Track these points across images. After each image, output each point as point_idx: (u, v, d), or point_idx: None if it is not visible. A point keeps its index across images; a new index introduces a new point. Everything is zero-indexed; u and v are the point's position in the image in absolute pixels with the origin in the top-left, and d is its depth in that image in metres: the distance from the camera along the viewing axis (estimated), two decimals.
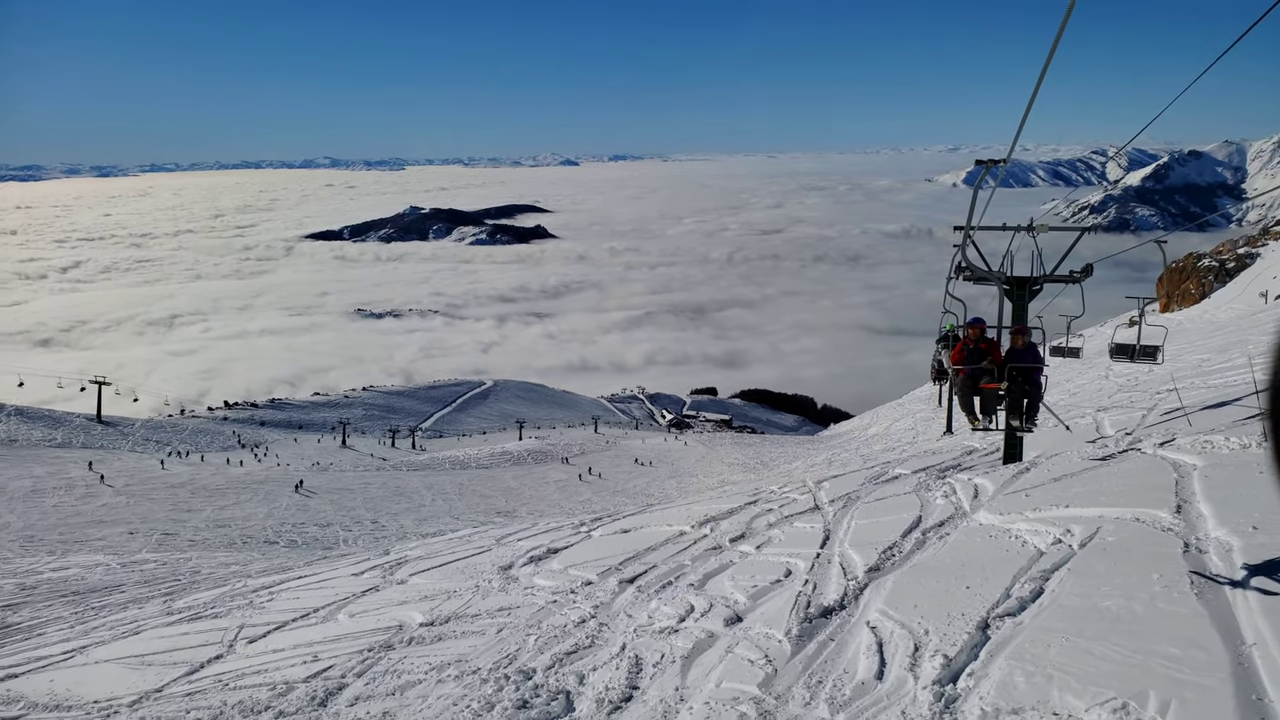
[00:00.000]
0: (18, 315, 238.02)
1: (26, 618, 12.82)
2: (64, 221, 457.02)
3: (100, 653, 7.30)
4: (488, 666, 4.60)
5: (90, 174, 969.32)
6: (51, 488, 36.71)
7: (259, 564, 17.01)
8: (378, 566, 9.77)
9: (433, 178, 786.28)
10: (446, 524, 32.52)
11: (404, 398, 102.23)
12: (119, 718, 4.93)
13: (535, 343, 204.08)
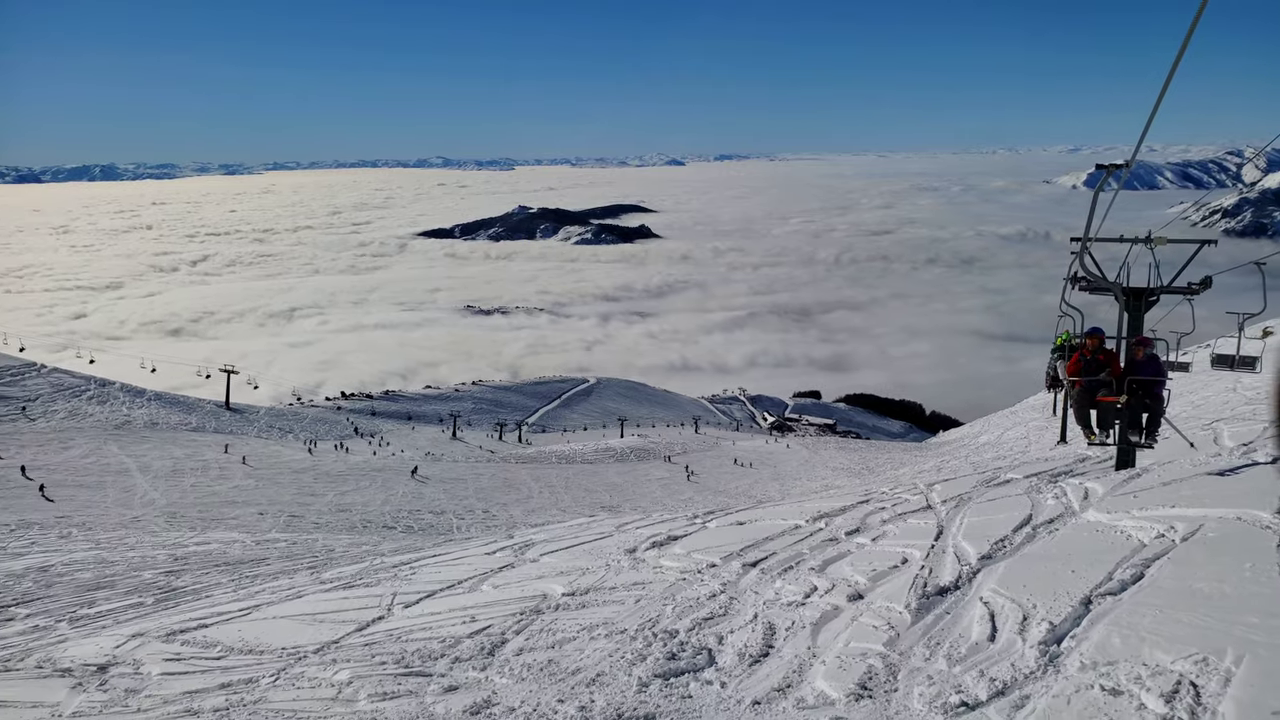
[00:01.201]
0: (152, 305, 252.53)
1: (189, 582, 14.02)
2: (194, 217, 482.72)
3: (271, 611, 8.11)
4: (634, 628, 5.13)
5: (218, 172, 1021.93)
6: (189, 468, 39.24)
7: (388, 544, 18.09)
8: (507, 547, 10.41)
9: (541, 178, 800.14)
10: (554, 516, 33.50)
11: (510, 392, 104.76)
12: (306, 662, 5.61)
13: (637, 342, 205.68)
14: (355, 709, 4.34)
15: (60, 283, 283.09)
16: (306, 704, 4.55)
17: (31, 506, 30.63)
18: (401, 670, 4.89)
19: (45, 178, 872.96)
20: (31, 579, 16.92)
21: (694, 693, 4.22)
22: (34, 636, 10.26)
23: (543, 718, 4.00)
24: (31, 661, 7.30)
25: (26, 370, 52.50)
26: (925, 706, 3.95)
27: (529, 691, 4.31)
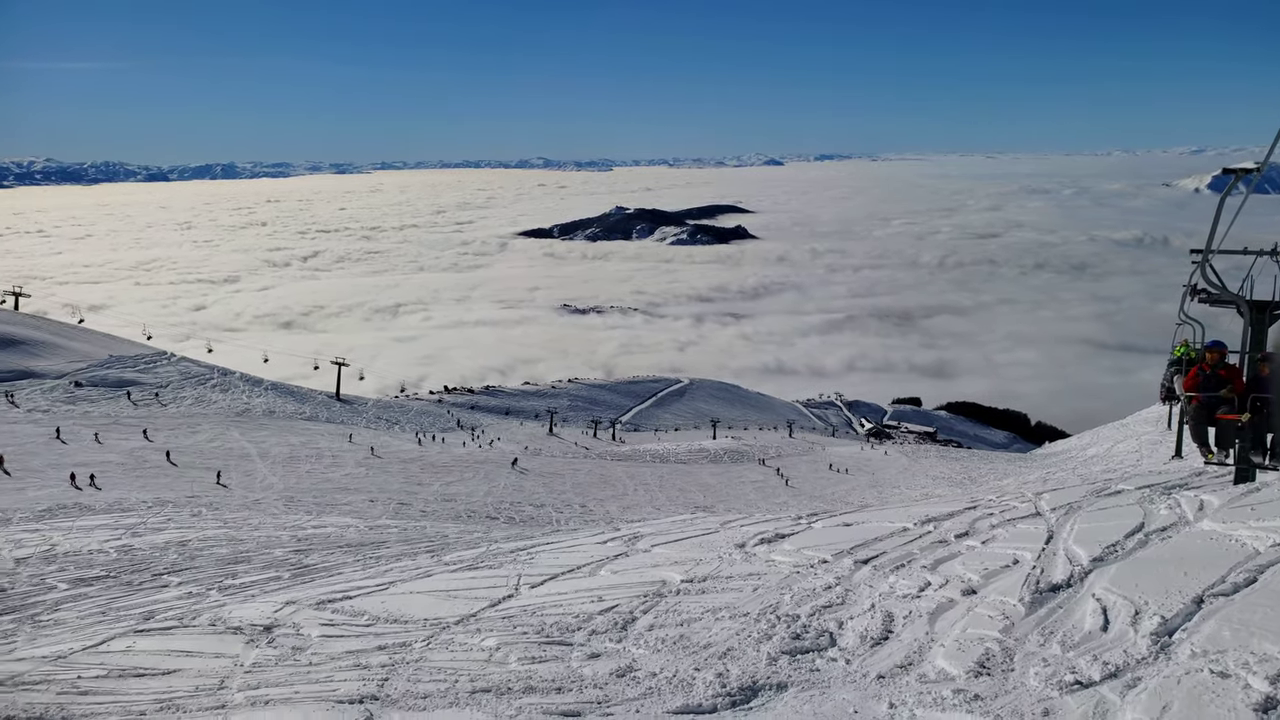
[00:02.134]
0: (266, 299, 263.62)
1: (318, 561, 14.96)
2: (306, 214, 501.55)
3: (405, 587, 8.75)
4: (755, 612, 5.52)
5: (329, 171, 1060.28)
6: (304, 455, 41.22)
7: (498, 532, 18.87)
8: (618, 538, 10.88)
9: (638, 178, 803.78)
10: (649, 513, 34.03)
11: (605, 391, 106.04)
12: (451, 631, 6.17)
13: (731, 343, 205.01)
14: (508, 669, 4.84)
15: (183, 276, 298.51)
16: (463, 663, 5.08)
17: (166, 486, 32.79)
18: (543, 639, 5.38)
19: (172, 176, 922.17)
20: (174, 551, 18.27)
21: (820, 667, 4.58)
22: (191, 600, 11.25)
23: (684, 682, 4.42)
24: (204, 620, 8.08)
25: (159, 358, 55.93)
26: (1041, 684, 4.25)
27: (666, 660, 4.74)
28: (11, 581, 15.41)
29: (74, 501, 29.43)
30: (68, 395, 45.56)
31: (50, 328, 58.07)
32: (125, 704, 5.68)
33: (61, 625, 10.68)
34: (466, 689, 4.47)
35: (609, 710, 4.10)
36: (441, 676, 4.75)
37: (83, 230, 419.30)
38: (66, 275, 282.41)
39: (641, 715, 4.03)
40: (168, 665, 6.46)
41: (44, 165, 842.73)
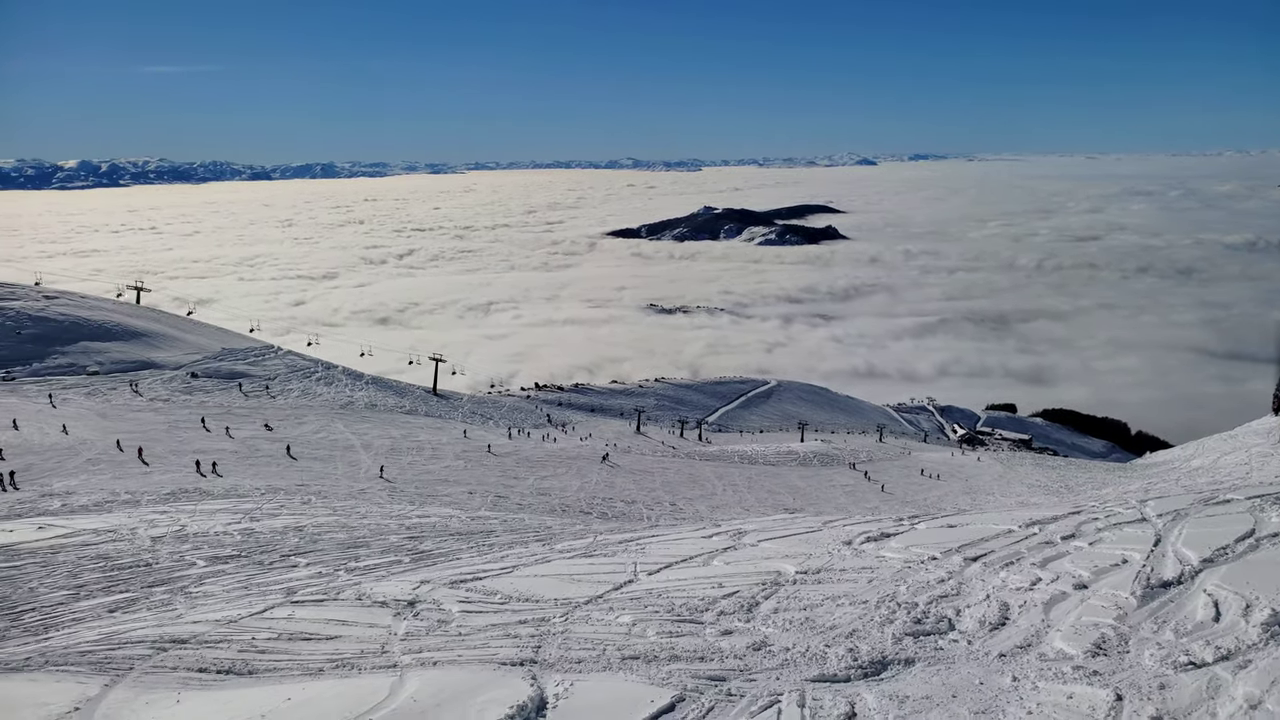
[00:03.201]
0: (362, 295, 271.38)
1: (432, 547, 15.77)
2: (402, 213, 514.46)
3: (527, 571, 9.32)
4: (874, 600, 5.88)
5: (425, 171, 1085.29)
6: (405, 448, 42.71)
7: (598, 526, 19.46)
8: (722, 534, 11.29)
9: (727, 178, 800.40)
10: (738, 514, 34.30)
11: (691, 391, 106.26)
12: (584, 609, 6.69)
13: (820, 345, 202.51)
14: (648, 641, 5.32)
15: (284, 271, 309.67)
16: (605, 635, 5.57)
17: (277, 474, 34.50)
18: (675, 618, 5.84)
19: (275, 175, 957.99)
20: (294, 536, 19.39)
21: (943, 647, 4.93)
22: (324, 579, 12.08)
23: (816, 656, 4.83)
24: (351, 595, 8.79)
25: (267, 352, 58.57)
26: (1157, 664, 4.53)
27: (797, 638, 5.15)
28: (154, 557, 16.68)
29: (194, 486, 31.27)
30: (185, 385, 48.19)
31: (168, 321, 61.41)
32: (301, 661, 6.36)
33: (211, 597, 11.64)
34: (615, 656, 4.95)
35: (751, 677, 4.53)
36: (589, 645, 5.25)
37: (191, 227, 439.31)
38: (176, 270, 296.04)
39: (781, 682, 4.44)
40: (329, 631, 7.15)
41: (157, 165, 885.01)
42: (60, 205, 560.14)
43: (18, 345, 48.24)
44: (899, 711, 4.12)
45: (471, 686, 4.61)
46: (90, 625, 10.25)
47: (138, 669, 6.59)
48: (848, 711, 4.16)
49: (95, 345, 50.08)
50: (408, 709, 4.49)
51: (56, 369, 46.93)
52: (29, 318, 50.97)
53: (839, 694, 4.34)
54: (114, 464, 33.69)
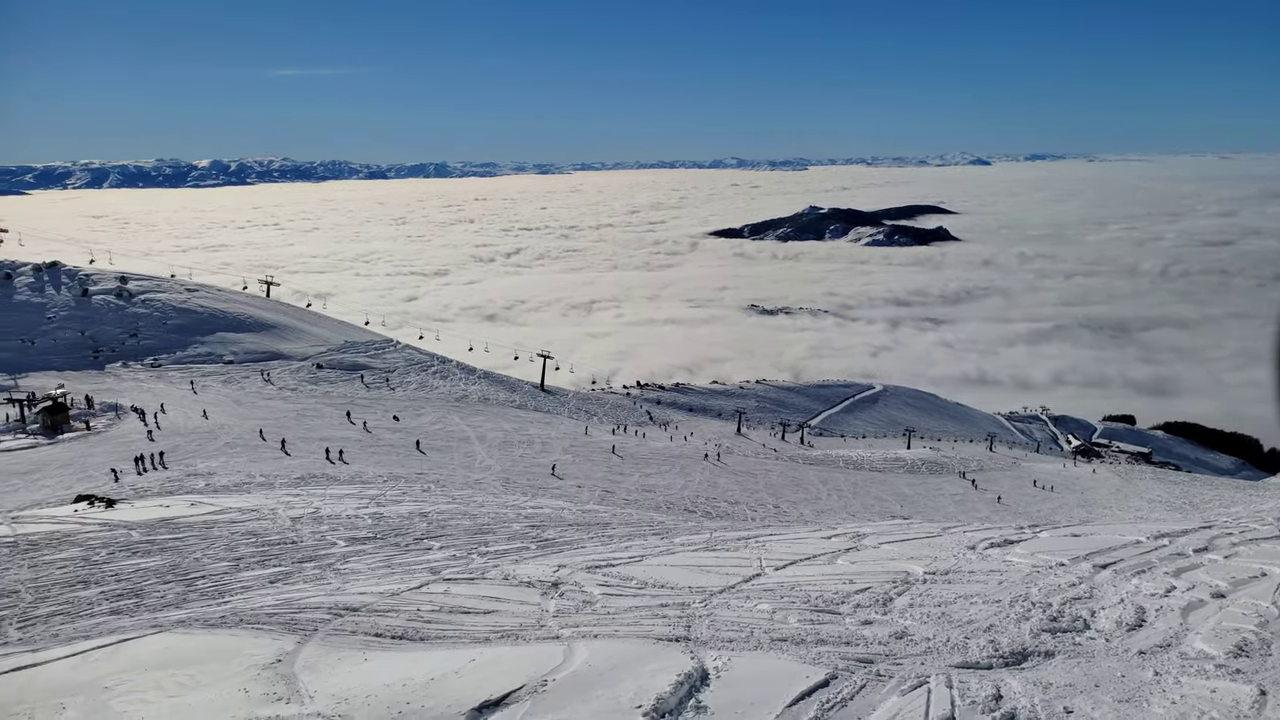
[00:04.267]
0: (471, 292, 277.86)
1: (554, 536, 16.48)
2: (510, 213, 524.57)
3: (655, 561, 9.81)
4: (1008, 599, 6.14)
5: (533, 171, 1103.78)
6: (517, 441, 43.98)
7: (710, 523, 19.89)
8: (841, 535, 11.57)
9: (834, 177, 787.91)
10: (843, 519, 34.18)
11: (793, 394, 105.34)
12: (720, 597, 7.13)
13: (929, 350, 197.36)
14: (791, 626, 5.74)
15: (398, 268, 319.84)
16: (749, 620, 6.02)
17: (397, 462, 36.14)
18: (812, 608, 6.24)
19: (390, 174, 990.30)
20: (421, 521, 20.45)
21: (1081, 643, 5.18)
22: (461, 562, 12.86)
23: (957, 645, 5.16)
24: (496, 575, 9.46)
25: (386, 345, 61.05)
26: None
27: (935, 630, 5.48)
28: (298, 536, 17.92)
29: (322, 472, 33.07)
30: (311, 376, 50.75)
31: (295, 314, 64.66)
32: (466, 631, 7.02)
33: (357, 574, 12.56)
34: (764, 638, 5.39)
35: (897, 661, 4.89)
36: (736, 628, 5.70)
37: (311, 224, 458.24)
38: (297, 265, 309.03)
39: (926, 666, 4.79)
40: (485, 606, 7.80)
41: (281, 164, 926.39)
42: (193, 202, 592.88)
43: (164, 335, 51.72)
44: (1044, 696, 4.39)
45: (637, 656, 5.11)
46: (259, 593, 11.26)
47: (321, 630, 7.37)
48: (994, 694, 4.46)
49: (231, 336, 53.26)
50: (585, 672, 5.01)
51: (197, 357, 50.14)
52: (174, 309, 54.56)
53: (984, 679, 4.65)
54: (249, 448, 35.89)
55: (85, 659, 7.19)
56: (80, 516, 20.95)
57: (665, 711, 4.47)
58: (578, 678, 4.97)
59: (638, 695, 4.63)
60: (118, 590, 12.73)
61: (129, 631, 8.67)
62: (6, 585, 13.43)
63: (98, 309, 53.29)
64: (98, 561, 15.24)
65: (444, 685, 4.91)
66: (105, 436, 37.12)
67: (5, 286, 53.68)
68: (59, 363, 47.61)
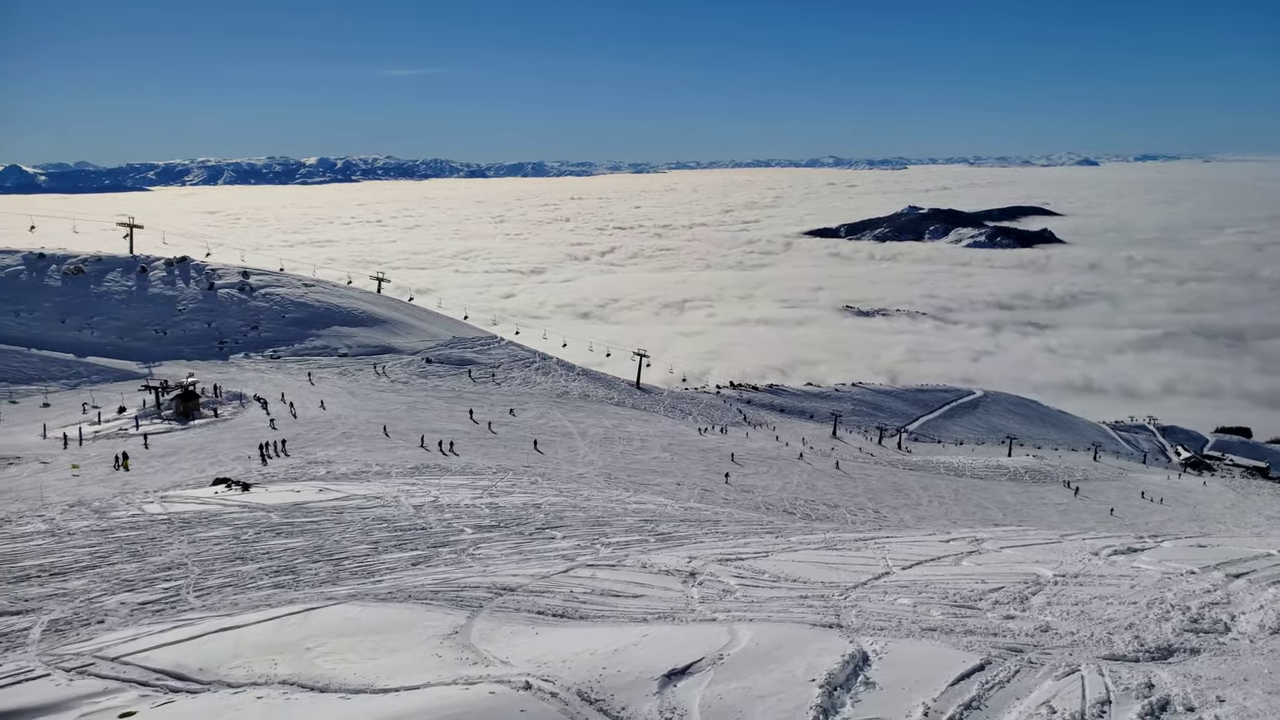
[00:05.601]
0: (566, 290, 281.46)
1: (669, 530, 17.04)
2: (604, 212, 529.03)
3: (780, 558, 10.26)
4: (1144, 601, 6.41)
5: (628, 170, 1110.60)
6: (617, 437, 44.83)
7: (819, 525, 20.17)
8: (959, 539, 11.82)
9: (934, 177, 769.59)
10: (944, 526, 33.88)
11: (890, 397, 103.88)
12: (855, 592, 7.57)
13: (1032, 355, 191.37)
14: (935, 619, 6.15)
15: (495, 265, 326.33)
16: (893, 611, 6.45)
17: (504, 455, 37.33)
18: (951, 604, 6.63)
19: (489, 173, 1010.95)
20: (536, 512, 21.25)
21: (1225, 643, 5.45)
22: (588, 550, 13.53)
23: (1102, 640, 5.49)
24: (634, 563, 10.07)
25: (491, 342, 62.83)
26: None
27: (1077, 626, 5.82)
28: (425, 523, 18.95)
29: (434, 462, 34.48)
30: (420, 370, 52.69)
31: (404, 309, 67.09)
32: (621, 611, 7.63)
33: (491, 559, 13.35)
34: (912, 627, 5.83)
35: (1046, 651, 5.27)
36: (883, 618, 6.15)
37: (413, 221, 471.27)
38: (399, 261, 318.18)
39: (1075, 657, 5.16)
40: (632, 591, 8.41)
41: (384, 162, 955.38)
42: (301, 199, 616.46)
43: (282, 328, 54.45)
44: (1194, 687, 4.68)
45: (798, 639, 5.61)
46: (407, 573, 12.15)
47: (486, 607, 8.09)
48: (1145, 683, 4.78)
49: (345, 330, 55.69)
50: (754, 650, 5.53)
51: (313, 350, 52.63)
52: (292, 303, 57.34)
53: (1134, 669, 4.98)
54: (364, 438, 37.61)
55: (282, 623, 8.06)
56: (222, 499, 22.52)
57: (836, 685, 4.95)
58: (749, 654, 5.47)
59: (809, 670, 5.11)
60: (273, 567, 13.83)
61: (299, 603, 9.60)
62: (174, 558, 14.71)
63: (222, 302, 56.43)
64: (247, 540, 16.49)
65: (628, 655, 5.48)
66: (231, 424, 39.39)
67: (141, 280, 57.35)
68: (188, 352, 50.63)
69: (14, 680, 7.20)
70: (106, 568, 14.06)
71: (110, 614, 11.18)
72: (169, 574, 13.59)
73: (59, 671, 7.35)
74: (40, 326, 50.37)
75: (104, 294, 55.40)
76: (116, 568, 14.06)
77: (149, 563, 14.37)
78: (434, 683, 5.41)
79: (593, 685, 4.99)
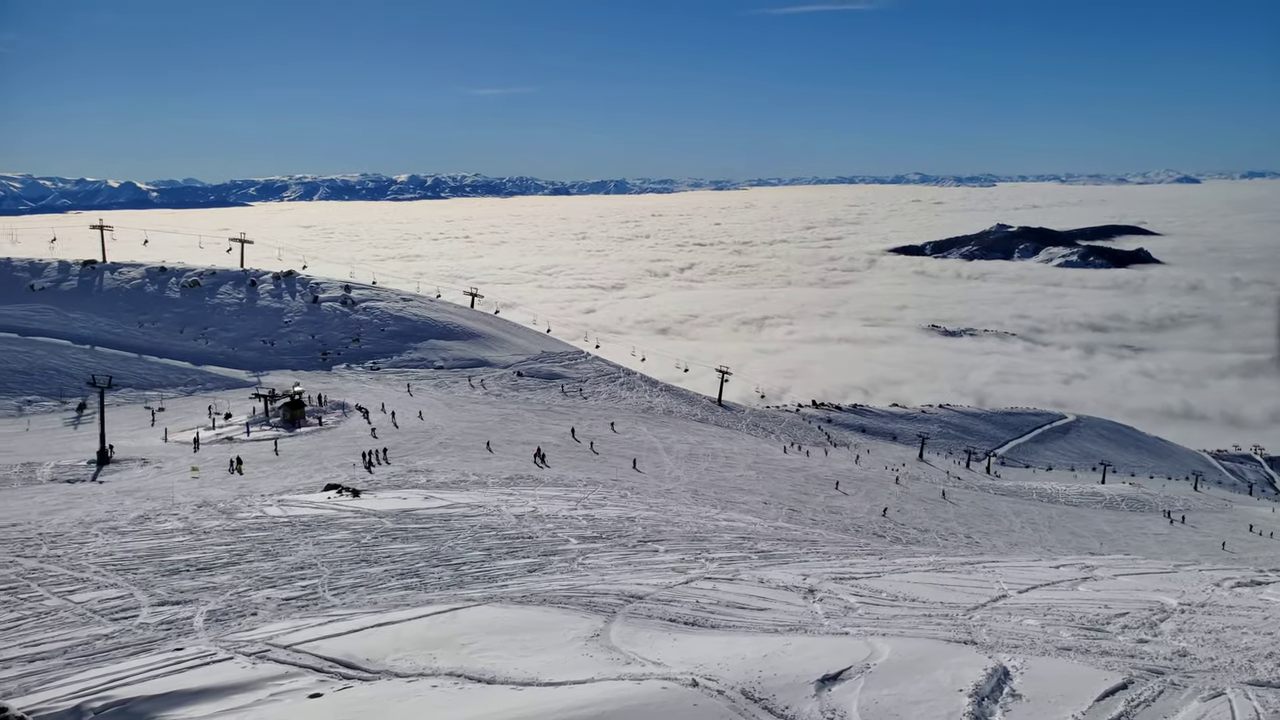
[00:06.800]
0: (645, 306, 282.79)
1: (769, 548, 17.35)
2: (684, 229, 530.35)
3: (892, 579, 10.53)
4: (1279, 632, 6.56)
5: (709, 187, 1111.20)
6: (702, 454, 45.13)
7: (920, 548, 20.19)
8: (1069, 565, 11.89)
9: (1024, 195, 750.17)
10: (1039, 554, 33.23)
11: (979, 420, 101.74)
12: (980, 612, 7.82)
13: (1128, 379, 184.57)
14: (1065, 639, 6.41)
15: (578, 281, 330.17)
16: (1022, 631, 6.72)
17: (593, 468, 38.02)
18: (1079, 626, 6.86)
19: (573, 191, 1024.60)
20: (633, 525, 21.72)
21: None
22: (693, 564, 13.95)
23: (1243, 666, 5.69)
24: (750, 578, 10.46)
25: (579, 356, 63.92)
26: None
27: (1214, 652, 6.01)
28: (530, 531, 19.61)
29: (526, 474, 35.35)
30: (512, 383, 53.99)
31: (496, 323, 68.73)
32: (750, 622, 8.04)
33: (601, 569, 13.89)
34: (1046, 646, 6.11)
35: (1188, 674, 5.51)
36: (1015, 637, 6.44)
37: (498, 237, 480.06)
38: (485, 276, 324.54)
39: (1218, 681, 5.39)
40: (757, 604, 8.82)
41: (472, 180, 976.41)
42: (393, 215, 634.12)
43: (382, 340, 56.48)
44: None
45: (937, 653, 5.95)
46: (529, 579, 12.77)
47: (619, 613, 8.60)
48: None
49: (441, 343, 57.43)
50: (898, 661, 5.89)
51: (410, 362, 54.45)
52: (391, 317, 59.42)
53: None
54: (461, 448, 38.77)
55: (432, 621, 8.71)
56: (335, 504, 23.67)
57: (983, 695, 5.27)
58: (894, 665, 5.82)
59: (954, 681, 5.45)
60: (398, 569, 14.64)
61: (437, 604, 10.27)
62: (303, 559, 15.68)
63: (326, 315, 58.80)
64: (367, 544, 17.41)
65: (778, 661, 5.90)
66: (335, 432, 41.06)
67: (250, 293, 60.18)
68: (293, 362, 52.90)
69: (203, 662, 8.00)
70: (245, 565, 15.08)
71: (260, 607, 12.07)
72: (302, 573, 14.51)
73: (240, 656, 8.12)
74: (161, 336, 53.34)
75: (217, 306, 58.35)
76: (254, 565, 15.06)
77: (282, 562, 15.34)
78: (599, 678, 5.92)
79: (754, 685, 5.42)
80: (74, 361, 47.87)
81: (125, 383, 45.49)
